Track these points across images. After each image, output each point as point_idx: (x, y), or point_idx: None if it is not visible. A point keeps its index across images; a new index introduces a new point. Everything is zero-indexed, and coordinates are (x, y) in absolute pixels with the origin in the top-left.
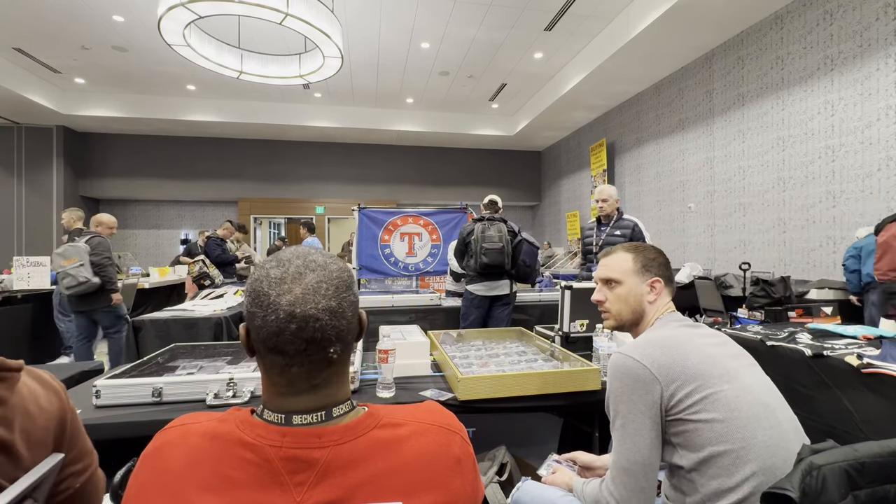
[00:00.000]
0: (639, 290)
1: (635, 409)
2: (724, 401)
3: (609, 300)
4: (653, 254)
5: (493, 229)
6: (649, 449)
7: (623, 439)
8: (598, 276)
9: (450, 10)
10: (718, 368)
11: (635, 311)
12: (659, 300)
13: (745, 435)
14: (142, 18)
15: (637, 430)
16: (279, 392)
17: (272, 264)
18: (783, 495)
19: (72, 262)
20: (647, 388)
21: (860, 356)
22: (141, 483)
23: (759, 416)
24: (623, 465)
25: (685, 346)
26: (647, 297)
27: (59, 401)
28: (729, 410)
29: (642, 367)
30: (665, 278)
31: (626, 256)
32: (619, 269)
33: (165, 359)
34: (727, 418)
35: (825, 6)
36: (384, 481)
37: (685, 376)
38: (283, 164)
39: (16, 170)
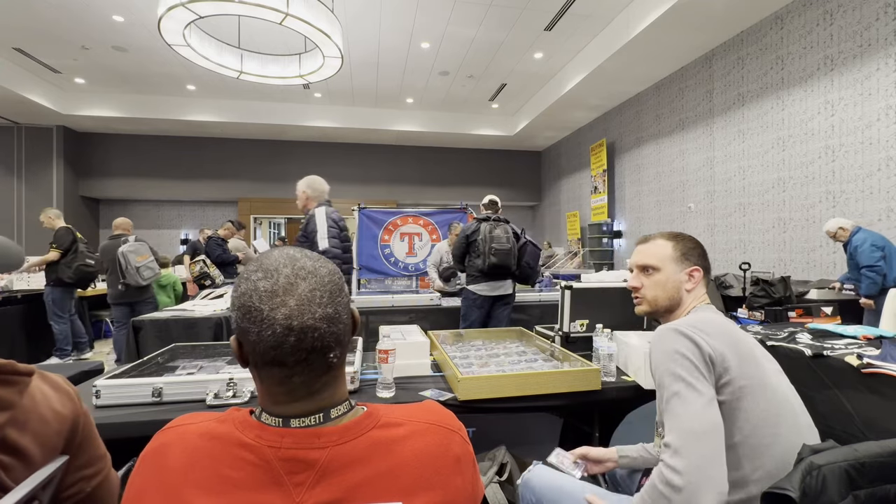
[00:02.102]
0: (677, 277)
1: (696, 374)
2: (761, 393)
3: (646, 286)
4: (692, 243)
5: (500, 230)
6: (716, 411)
7: (686, 403)
8: (634, 262)
9: (450, 10)
10: (757, 363)
11: (672, 299)
12: (696, 289)
13: (774, 431)
14: (142, 18)
15: (702, 392)
16: (277, 401)
17: (258, 275)
18: (783, 495)
19: (145, 259)
20: (703, 360)
21: (860, 356)
22: (140, 483)
23: (786, 416)
24: (691, 427)
25: (734, 335)
26: (685, 286)
27: (72, 404)
28: (765, 402)
29: (699, 339)
30: (704, 268)
31: (666, 244)
32: (658, 256)
33: (165, 359)
34: (762, 410)
35: (825, 6)
36: (383, 481)
37: (732, 361)
38: (283, 164)
39: (16, 170)
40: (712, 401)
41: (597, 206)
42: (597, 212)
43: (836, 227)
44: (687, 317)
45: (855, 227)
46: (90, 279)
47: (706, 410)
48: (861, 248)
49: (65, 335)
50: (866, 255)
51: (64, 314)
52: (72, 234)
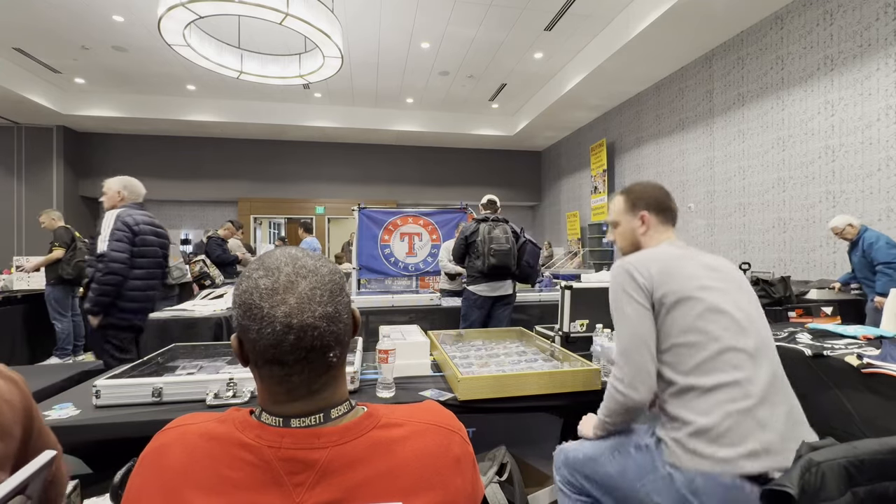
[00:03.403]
0: (631, 226)
1: (630, 299)
2: (689, 305)
3: (616, 239)
4: (641, 189)
5: (499, 230)
6: (646, 327)
7: (620, 325)
8: (607, 220)
9: (450, 10)
10: (685, 281)
11: (633, 244)
12: (651, 231)
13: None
14: (142, 18)
15: (634, 312)
16: (277, 400)
17: (259, 273)
18: (782, 492)
19: (177, 260)
20: (639, 284)
21: (860, 356)
22: (140, 483)
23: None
24: (623, 346)
25: (668, 262)
26: (639, 230)
27: (19, 391)
28: (692, 311)
29: (634, 271)
30: (654, 210)
31: (620, 199)
32: (615, 211)
33: (165, 359)
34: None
35: (825, 6)
36: (383, 481)
37: (663, 283)
38: (283, 164)
39: (16, 170)
40: (643, 318)
41: (597, 206)
42: (597, 212)
43: (844, 223)
44: (642, 251)
45: (862, 226)
46: None
47: (638, 329)
48: (877, 245)
49: (67, 334)
50: (884, 251)
51: (66, 313)
52: (70, 233)
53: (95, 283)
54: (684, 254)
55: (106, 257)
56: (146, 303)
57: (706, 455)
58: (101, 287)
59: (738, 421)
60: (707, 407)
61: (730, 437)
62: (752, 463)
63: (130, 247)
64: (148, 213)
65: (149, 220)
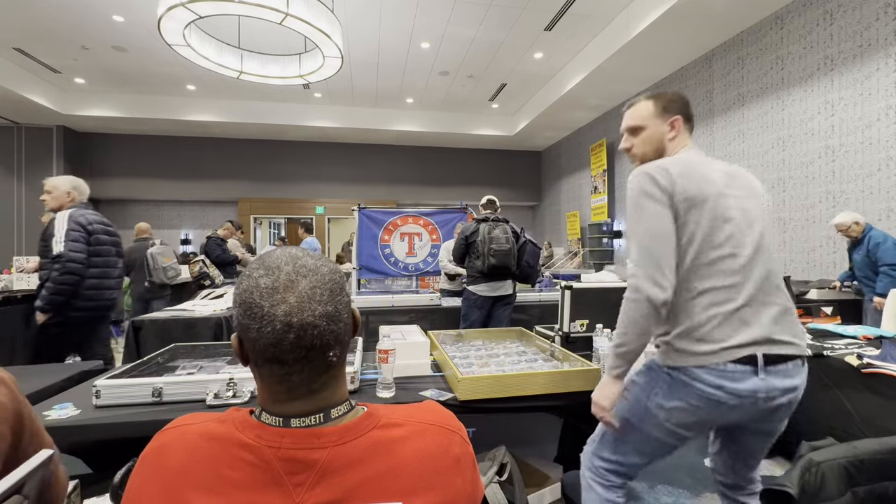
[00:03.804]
0: (660, 130)
1: (650, 199)
2: (705, 208)
3: (635, 145)
4: (673, 95)
5: (499, 230)
6: (666, 224)
7: (638, 224)
8: (624, 126)
9: (450, 10)
10: (706, 187)
11: (657, 150)
12: (679, 137)
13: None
14: (142, 18)
15: (654, 211)
16: (277, 399)
17: (260, 272)
18: (782, 492)
19: (170, 260)
20: (660, 186)
21: (860, 356)
22: (140, 483)
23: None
24: (642, 243)
25: (692, 167)
26: (668, 136)
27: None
28: (709, 213)
29: (657, 175)
30: (685, 116)
31: (648, 103)
32: (641, 116)
33: (165, 359)
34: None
35: (825, 6)
36: (383, 481)
37: (684, 186)
38: (283, 164)
39: (16, 170)
40: (663, 218)
41: (597, 206)
42: (597, 212)
43: (851, 220)
44: (663, 159)
45: (867, 224)
46: None
47: (658, 226)
48: (885, 245)
49: None
50: (891, 252)
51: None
52: None
53: (51, 282)
54: (705, 160)
55: (63, 257)
56: (101, 301)
57: (692, 352)
58: (58, 287)
59: (721, 321)
60: (695, 310)
61: (712, 335)
62: (735, 351)
63: (87, 246)
64: (97, 213)
65: (100, 219)
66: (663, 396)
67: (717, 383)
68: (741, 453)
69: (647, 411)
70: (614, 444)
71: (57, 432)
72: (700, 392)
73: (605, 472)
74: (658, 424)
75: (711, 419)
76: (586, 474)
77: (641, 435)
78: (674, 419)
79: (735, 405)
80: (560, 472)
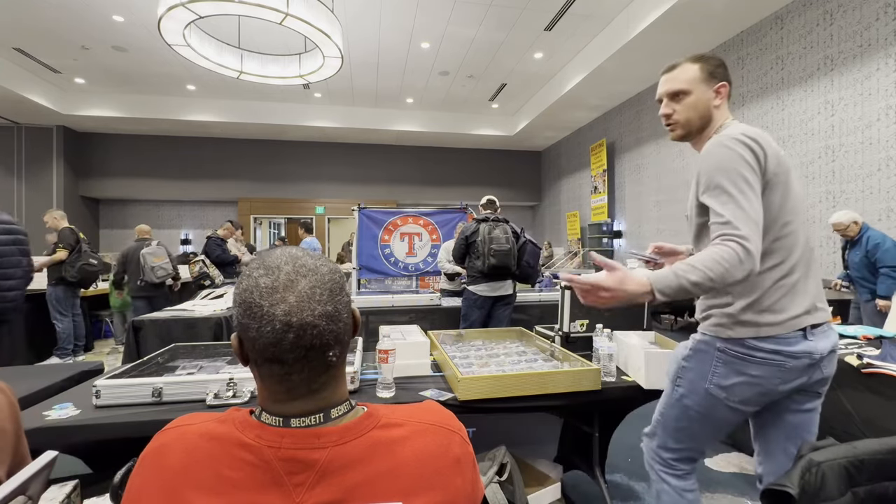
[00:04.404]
0: (707, 96)
1: (751, 170)
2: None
3: (677, 111)
4: (717, 60)
5: (499, 230)
6: (760, 204)
7: (749, 199)
8: (664, 90)
9: (450, 10)
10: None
11: (703, 118)
12: (723, 105)
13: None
14: (142, 18)
15: (756, 191)
16: (277, 399)
17: (260, 272)
18: (783, 492)
19: (160, 260)
20: (759, 158)
21: (860, 356)
22: (140, 483)
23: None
24: (752, 216)
25: (771, 142)
26: (713, 102)
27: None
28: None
29: (755, 146)
30: (730, 82)
31: (693, 66)
32: (686, 80)
33: (165, 359)
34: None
35: (825, 6)
36: (383, 481)
37: (773, 163)
38: (282, 164)
39: (16, 170)
40: (760, 196)
41: (597, 206)
42: (597, 212)
43: (850, 219)
44: (733, 128)
45: (864, 224)
46: (93, 279)
47: (759, 205)
48: (884, 246)
49: (67, 334)
50: (892, 254)
51: (66, 312)
52: (75, 235)
53: None
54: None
55: None
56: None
57: (758, 323)
58: None
59: (785, 293)
60: (765, 283)
61: (778, 307)
62: (797, 321)
63: None
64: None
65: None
66: (721, 376)
67: (775, 349)
68: (790, 428)
69: (707, 394)
70: (676, 434)
71: (57, 432)
72: (760, 360)
73: (675, 461)
74: (719, 405)
75: (772, 387)
76: (655, 467)
77: (703, 419)
78: (735, 396)
79: (792, 367)
80: (560, 472)
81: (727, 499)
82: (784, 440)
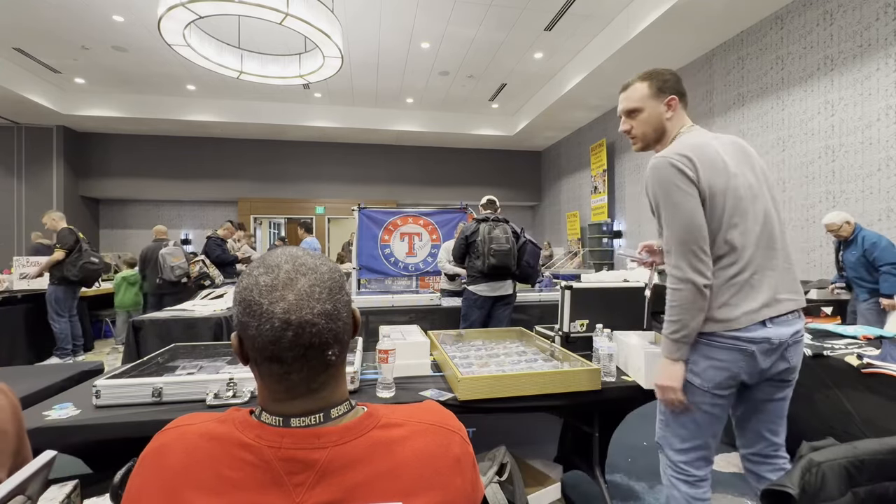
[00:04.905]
0: (658, 110)
1: (682, 192)
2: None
3: (634, 127)
4: (667, 74)
5: (499, 230)
6: (699, 215)
7: (674, 217)
8: (620, 109)
9: (450, 10)
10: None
11: (657, 130)
12: (676, 116)
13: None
14: (142, 18)
15: (688, 203)
16: (276, 398)
17: (260, 271)
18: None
19: (178, 260)
20: (689, 178)
21: (860, 356)
22: (140, 483)
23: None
24: (680, 237)
25: (708, 153)
26: (665, 115)
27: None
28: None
29: (680, 163)
30: (679, 94)
31: (642, 85)
32: (636, 98)
33: (165, 359)
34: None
35: (825, 6)
36: (383, 481)
37: (706, 175)
38: (283, 164)
39: (16, 170)
40: (696, 208)
41: (597, 206)
42: (597, 212)
43: (842, 220)
44: (673, 144)
45: (857, 224)
46: (95, 277)
47: (694, 218)
48: (880, 244)
49: (65, 335)
50: (888, 251)
51: (64, 313)
52: (75, 234)
53: None
54: (707, 139)
55: None
56: None
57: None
58: None
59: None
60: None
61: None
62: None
63: None
64: None
65: None
66: (693, 363)
67: (734, 335)
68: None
69: (688, 385)
70: (678, 431)
71: (57, 432)
72: (722, 345)
73: (686, 465)
74: (699, 392)
75: (738, 370)
76: (667, 472)
77: (695, 409)
78: (708, 381)
79: (753, 351)
80: (560, 472)
81: (727, 499)
82: (765, 422)
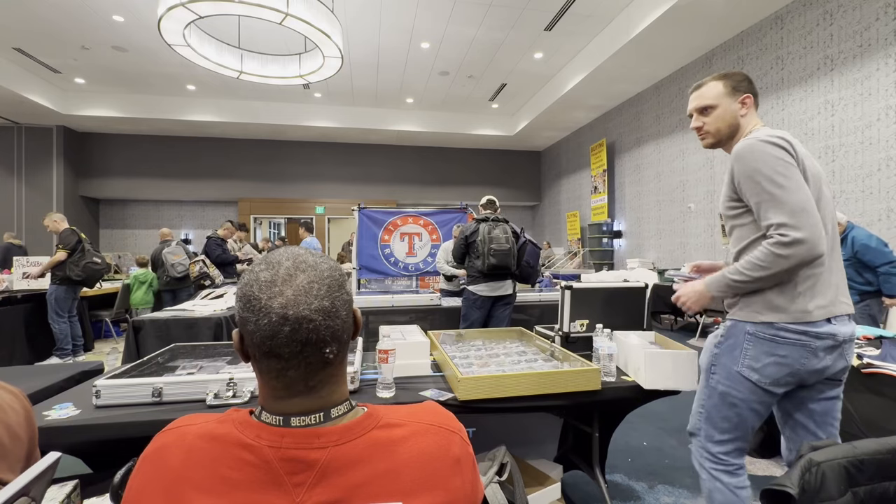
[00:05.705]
0: (733, 108)
1: (791, 166)
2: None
3: (707, 123)
4: (740, 76)
5: (499, 230)
6: (808, 191)
7: (786, 188)
8: (693, 107)
9: (450, 10)
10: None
11: (731, 126)
12: (750, 114)
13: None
14: (142, 18)
15: (797, 176)
16: (276, 396)
17: (261, 267)
18: (783, 492)
19: (178, 257)
20: (794, 156)
21: (860, 356)
22: (140, 484)
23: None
24: (800, 205)
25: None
26: (739, 112)
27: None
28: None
29: (787, 145)
30: (753, 94)
31: (717, 83)
32: (712, 96)
33: (165, 359)
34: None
35: (825, 6)
36: (383, 482)
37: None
38: (283, 164)
39: (16, 170)
40: (803, 185)
41: (597, 206)
42: (597, 212)
43: None
44: (761, 131)
45: (848, 223)
46: (97, 277)
47: (805, 193)
48: (870, 245)
49: (64, 335)
50: (882, 252)
51: (63, 313)
52: (76, 235)
53: None
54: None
55: None
56: None
57: (789, 309)
58: None
59: (814, 283)
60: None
61: (809, 294)
62: (823, 311)
63: None
64: None
65: None
66: (752, 358)
67: (802, 329)
68: (824, 416)
69: (740, 377)
70: (720, 424)
71: (57, 432)
72: (787, 340)
73: (725, 455)
74: (752, 387)
75: (799, 367)
76: (706, 465)
77: (742, 404)
78: (767, 377)
79: (817, 346)
80: (560, 472)
81: None
82: (814, 427)
